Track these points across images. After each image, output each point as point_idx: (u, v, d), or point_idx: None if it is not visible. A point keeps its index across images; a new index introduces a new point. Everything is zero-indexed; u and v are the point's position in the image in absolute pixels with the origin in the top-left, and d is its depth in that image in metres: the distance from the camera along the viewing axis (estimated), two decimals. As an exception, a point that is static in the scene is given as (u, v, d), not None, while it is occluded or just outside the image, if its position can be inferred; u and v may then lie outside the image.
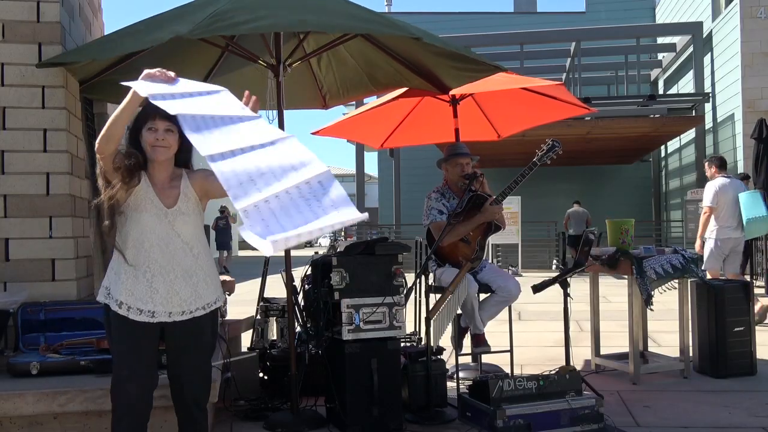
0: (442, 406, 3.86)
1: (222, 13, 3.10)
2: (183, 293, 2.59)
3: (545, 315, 7.78)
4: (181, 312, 2.60)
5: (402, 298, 3.67)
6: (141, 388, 2.58)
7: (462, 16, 22.22)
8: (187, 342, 2.64)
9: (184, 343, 2.64)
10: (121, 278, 2.56)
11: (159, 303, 2.55)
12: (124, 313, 2.54)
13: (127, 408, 2.57)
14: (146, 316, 2.55)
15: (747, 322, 4.79)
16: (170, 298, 2.57)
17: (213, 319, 2.72)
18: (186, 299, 2.60)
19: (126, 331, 2.56)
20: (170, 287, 2.56)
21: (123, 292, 2.55)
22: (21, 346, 3.55)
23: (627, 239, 4.84)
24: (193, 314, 2.62)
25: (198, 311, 2.63)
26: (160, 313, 2.56)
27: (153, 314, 2.55)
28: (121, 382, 2.57)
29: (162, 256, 2.56)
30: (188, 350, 2.66)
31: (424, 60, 4.13)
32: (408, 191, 18.57)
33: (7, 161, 3.73)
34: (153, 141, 2.57)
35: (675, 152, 18.12)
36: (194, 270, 2.62)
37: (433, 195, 4.64)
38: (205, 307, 2.65)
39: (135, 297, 2.54)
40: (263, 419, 3.77)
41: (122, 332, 2.57)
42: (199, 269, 2.63)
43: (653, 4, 21.18)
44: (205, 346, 2.72)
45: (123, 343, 2.58)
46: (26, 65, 3.76)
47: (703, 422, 3.73)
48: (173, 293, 2.57)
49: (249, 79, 4.52)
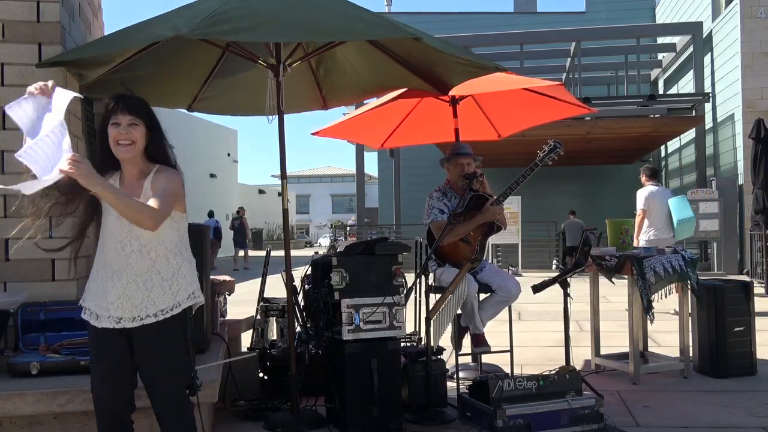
0: (442, 406, 3.86)
1: (222, 14, 3.10)
2: (135, 298, 2.46)
3: (545, 315, 7.78)
4: (132, 318, 2.46)
5: (402, 298, 3.67)
6: (113, 390, 2.51)
7: (462, 16, 22.22)
8: (146, 349, 2.50)
9: (144, 350, 2.50)
10: (89, 283, 2.53)
11: (111, 308, 2.46)
12: (87, 318, 2.51)
13: (102, 409, 2.54)
14: (107, 321, 2.46)
15: (747, 322, 4.79)
16: (121, 303, 2.46)
17: (174, 326, 2.51)
18: (137, 305, 2.46)
19: (91, 334, 2.52)
20: (122, 292, 2.45)
21: (87, 297, 2.53)
22: (21, 346, 3.55)
23: (627, 239, 4.85)
24: (143, 321, 2.46)
25: (148, 318, 2.47)
26: (104, 318, 2.47)
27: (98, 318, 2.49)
28: (93, 384, 2.54)
29: (116, 259, 2.47)
30: (148, 358, 2.51)
31: (426, 57, 4.12)
32: (408, 191, 18.58)
33: (7, 161, 3.73)
34: (116, 136, 2.46)
35: (675, 152, 18.13)
36: (149, 274, 2.48)
37: (435, 194, 4.64)
38: (157, 314, 2.47)
39: (95, 302, 2.50)
40: (263, 419, 3.77)
41: (90, 337, 2.54)
42: (155, 273, 2.48)
43: (653, 4, 21.18)
44: (166, 354, 2.52)
45: (92, 347, 2.55)
46: (26, 65, 3.75)
47: (703, 422, 3.73)
48: (125, 298, 2.46)
49: (249, 80, 4.52)
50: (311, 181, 65.33)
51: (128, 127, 2.46)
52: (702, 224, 13.45)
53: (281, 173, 3.93)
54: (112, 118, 2.47)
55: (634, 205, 7.97)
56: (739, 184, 13.54)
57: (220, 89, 4.60)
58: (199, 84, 4.50)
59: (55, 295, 3.71)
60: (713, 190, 13.76)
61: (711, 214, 13.37)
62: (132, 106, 2.51)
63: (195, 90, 4.54)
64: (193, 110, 4.74)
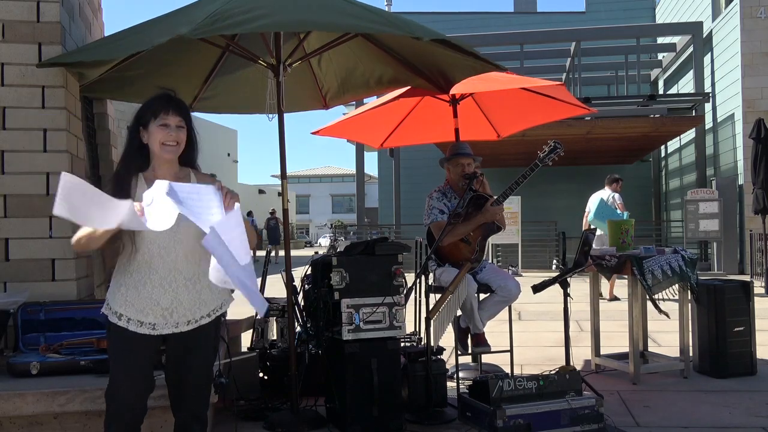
0: (442, 406, 3.86)
1: (222, 12, 3.10)
2: (186, 303, 2.48)
3: (545, 315, 7.78)
4: (186, 322, 2.49)
5: (402, 298, 3.67)
6: (136, 396, 2.47)
7: (462, 16, 22.20)
8: (189, 350, 2.53)
9: (186, 352, 2.53)
10: (122, 289, 2.45)
11: (161, 315, 2.44)
12: (124, 325, 2.43)
13: (118, 414, 2.46)
14: (147, 328, 2.44)
15: (747, 322, 4.79)
16: (174, 309, 2.46)
17: (216, 325, 2.61)
18: (190, 308, 2.49)
19: (124, 341, 2.44)
20: (173, 298, 2.45)
21: (123, 304, 2.44)
22: (21, 346, 3.55)
23: (627, 239, 4.84)
24: (198, 323, 2.51)
25: (203, 319, 2.52)
26: (162, 325, 2.46)
27: (154, 326, 2.45)
28: (116, 388, 2.46)
29: (163, 266, 2.44)
30: (190, 359, 2.54)
31: (427, 53, 4.10)
32: (408, 191, 18.56)
33: (7, 161, 3.73)
34: (165, 138, 2.41)
35: (675, 152, 18.12)
36: (197, 277, 2.49)
37: (435, 194, 4.64)
38: (210, 314, 2.54)
39: (136, 309, 2.43)
40: (263, 419, 3.77)
41: (120, 342, 2.45)
42: (203, 275, 2.46)
43: (653, 4, 21.16)
44: (207, 354, 2.59)
45: (120, 352, 2.47)
46: (26, 65, 3.76)
47: (703, 422, 3.73)
48: (177, 303, 2.46)
49: (249, 80, 4.53)
50: (311, 181, 65.34)
51: (177, 129, 2.44)
52: (702, 224, 13.46)
53: (281, 173, 3.93)
54: (161, 118, 2.42)
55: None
56: (739, 184, 13.53)
57: (220, 88, 4.60)
58: (199, 84, 4.50)
59: (55, 295, 3.71)
60: (713, 190, 13.76)
61: (711, 214, 13.36)
62: (182, 108, 2.49)
63: (195, 90, 4.54)
64: (193, 110, 4.73)
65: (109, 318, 2.46)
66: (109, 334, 2.49)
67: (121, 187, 2.40)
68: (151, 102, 2.46)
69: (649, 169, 19.88)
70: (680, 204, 15.37)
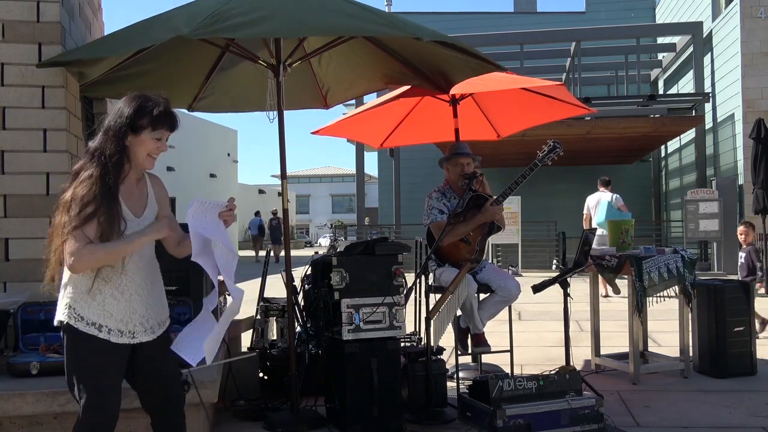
0: (442, 406, 3.86)
1: (222, 13, 3.10)
2: (155, 307, 2.47)
3: (545, 315, 7.78)
4: (158, 325, 2.49)
5: (402, 298, 3.67)
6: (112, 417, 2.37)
7: (462, 16, 22.19)
8: (162, 352, 2.49)
9: (160, 354, 2.49)
10: (97, 298, 2.34)
11: (139, 323, 2.40)
12: (105, 336, 2.33)
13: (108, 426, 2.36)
14: (127, 337, 2.38)
15: (747, 322, 4.80)
16: (149, 316, 2.44)
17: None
18: (158, 312, 2.49)
19: (106, 352, 2.35)
20: (147, 304, 2.43)
21: (101, 314, 2.34)
22: (21, 346, 3.55)
23: (627, 239, 4.84)
24: (164, 325, 2.52)
25: (167, 320, 2.53)
26: (140, 332, 2.41)
27: (133, 335, 2.39)
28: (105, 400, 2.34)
29: (138, 272, 2.41)
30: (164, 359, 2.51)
31: (427, 53, 4.10)
32: (408, 191, 18.54)
33: (7, 161, 3.73)
34: (155, 150, 2.39)
35: (675, 152, 18.11)
36: (156, 278, 2.51)
37: (434, 194, 4.64)
38: (170, 315, 2.57)
39: (116, 319, 2.36)
40: (263, 419, 3.76)
41: (102, 353, 2.34)
42: (160, 282, 2.51)
43: (653, 4, 21.16)
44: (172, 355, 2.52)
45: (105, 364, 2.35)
46: (26, 65, 3.76)
47: (703, 422, 3.73)
48: (149, 309, 2.44)
49: (249, 79, 4.52)
50: (311, 181, 65.33)
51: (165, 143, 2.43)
52: (702, 224, 13.45)
53: (281, 173, 3.93)
54: (158, 131, 2.38)
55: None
56: (739, 184, 13.53)
57: (220, 87, 4.60)
58: (199, 84, 4.50)
59: (55, 295, 3.70)
60: (713, 190, 13.75)
61: (711, 214, 13.36)
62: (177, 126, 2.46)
63: (195, 90, 4.54)
64: (193, 110, 4.74)
65: (83, 329, 2.34)
66: (81, 345, 2.35)
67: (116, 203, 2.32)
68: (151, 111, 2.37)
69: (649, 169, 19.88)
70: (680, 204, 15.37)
